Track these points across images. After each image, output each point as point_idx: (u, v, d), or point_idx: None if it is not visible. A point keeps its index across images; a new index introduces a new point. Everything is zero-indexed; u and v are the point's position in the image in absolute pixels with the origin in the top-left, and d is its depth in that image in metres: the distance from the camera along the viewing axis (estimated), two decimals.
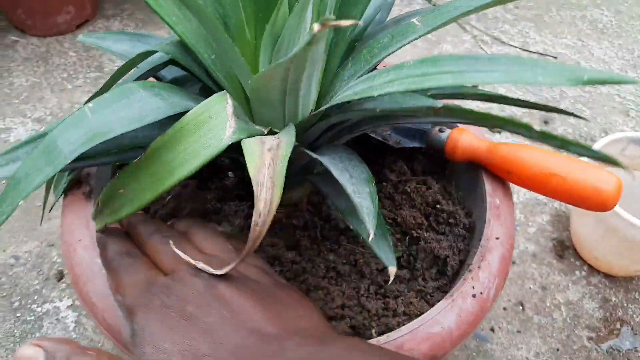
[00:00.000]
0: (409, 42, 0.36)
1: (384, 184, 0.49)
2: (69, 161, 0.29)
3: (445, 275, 0.44)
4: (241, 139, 0.31)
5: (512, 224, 0.44)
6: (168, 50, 0.36)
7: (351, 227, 0.34)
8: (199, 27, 0.36)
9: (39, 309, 0.65)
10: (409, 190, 0.47)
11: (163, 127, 0.36)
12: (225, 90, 0.33)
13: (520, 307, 0.68)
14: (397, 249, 0.44)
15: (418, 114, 0.35)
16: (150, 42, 0.42)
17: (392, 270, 0.33)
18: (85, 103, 0.32)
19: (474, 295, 0.39)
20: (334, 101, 0.34)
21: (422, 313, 0.38)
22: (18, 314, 0.64)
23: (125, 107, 0.32)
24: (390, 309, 0.41)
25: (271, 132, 0.36)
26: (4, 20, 1.08)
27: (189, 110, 0.33)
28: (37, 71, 0.98)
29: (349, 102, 0.34)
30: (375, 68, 0.39)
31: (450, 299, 0.38)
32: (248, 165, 0.28)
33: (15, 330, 0.63)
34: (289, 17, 0.32)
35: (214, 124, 0.32)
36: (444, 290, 0.43)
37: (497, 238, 0.42)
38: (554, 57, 1.08)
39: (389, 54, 0.37)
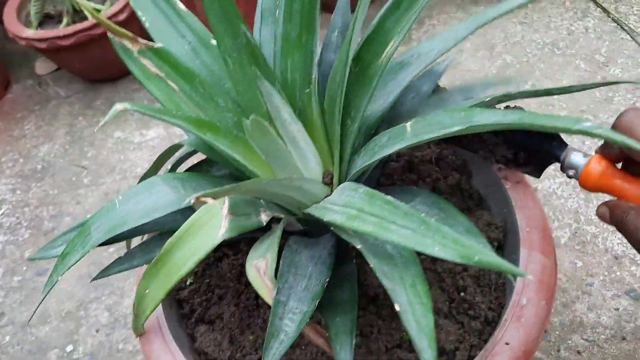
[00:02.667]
0: (399, 149, 0.35)
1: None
2: (95, 246, 0.38)
3: None
4: (231, 237, 0.36)
5: (537, 330, 0.40)
6: (193, 144, 0.42)
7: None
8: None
9: None
10: (440, 269, 0.46)
11: (182, 214, 0.42)
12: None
13: None
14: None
15: None
16: None
17: None
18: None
19: None
20: (311, 210, 0.36)
21: None
22: None
23: (143, 201, 0.39)
24: None
25: (274, 219, 0.40)
26: None
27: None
28: None
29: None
30: (381, 162, 0.39)
31: None
32: (260, 294, 0.33)
33: None
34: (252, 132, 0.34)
35: (211, 224, 0.36)
36: None
37: (507, 343, 0.39)
38: None
39: (386, 155, 0.37)
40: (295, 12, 0.38)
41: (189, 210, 0.41)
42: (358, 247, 0.30)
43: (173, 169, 0.46)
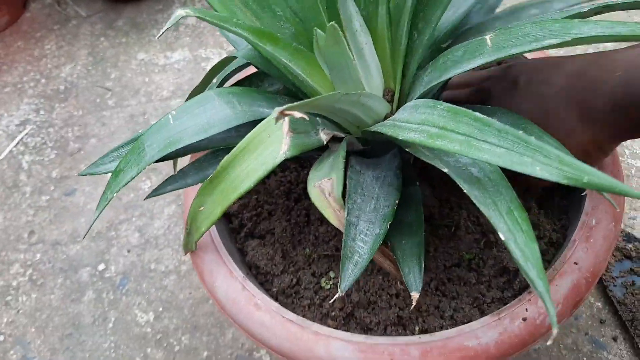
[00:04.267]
0: (475, 66, 0.33)
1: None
2: (150, 163, 0.36)
3: (512, 288, 0.42)
4: (293, 155, 0.34)
5: (605, 251, 0.39)
6: (248, 56, 0.39)
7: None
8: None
9: None
10: None
11: (237, 130, 0.40)
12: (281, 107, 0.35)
13: None
14: (471, 250, 0.43)
15: None
16: None
17: (415, 295, 0.34)
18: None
19: (524, 319, 0.36)
20: (379, 128, 0.34)
21: (470, 321, 0.37)
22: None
23: (198, 116, 0.37)
24: (440, 309, 0.41)
25: (334, 138, 0.38)
26: None
27: (255, 120, 0.37)
28: None
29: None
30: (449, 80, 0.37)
31: (496, 316, 0.37)
32: (324, 215, 0.32)
33: (181, 236, 0.79)
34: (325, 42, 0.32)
35: (270, 141, 0.35)
36: (505, 303, 0.41)
37: (576, 263, 0.38)
38: None
39: (458, 73, 0.34)
40: None
41: (244, 127, 0.39)
42: (444, 170, 0.28)
43: (222, 84, 0.43)
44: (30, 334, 0.77)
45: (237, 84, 0.45)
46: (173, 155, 0.38)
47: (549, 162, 0.23)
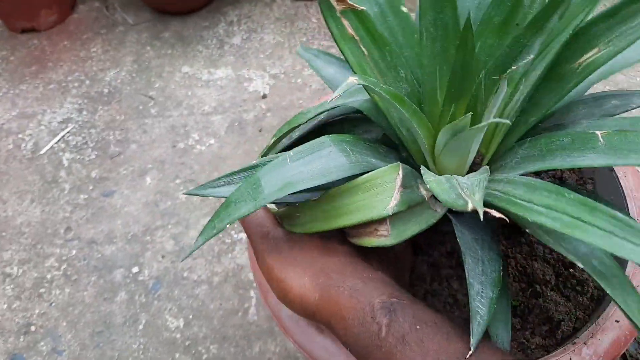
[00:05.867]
0: (587, 164, 0.33)
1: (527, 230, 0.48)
2: (267, 202, 0.35)
3: (555, 337, 0.43)
4: (399, 211, 0.35)
5: None
6: (363, 107, 0.39)
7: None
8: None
9: (236, 236, 0.79)
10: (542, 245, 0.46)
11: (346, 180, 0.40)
12: (399, 162, 0.36)
13: None
14: (516, 297, 0.44)
15: None
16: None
17: None
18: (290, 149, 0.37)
19: None
20: (495, 201, 0.34)
21: None
22: (220, 235, 0.79)
23: (315, 161, 0.36)
24: None
25: (433, 197, 0.39)
26: None
27: (366, 172, 0.37)
28: (284, 32, 1.09)
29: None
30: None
31: None
32: None
33: (215, 247, 0.78)
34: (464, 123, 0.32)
35: (382, 191, 0.35)
36: (547, 350, 0.42)
37: (617, 321, 0.39)
38: None
39: (567, 166, 0.34)
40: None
41: (354, 176, 0.39)
42: (579, 265, 0.29)
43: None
44: (62, 327, 0.75)
45: (326, 125, 0.45)
46: (285, 196, 0.38)
47: None
